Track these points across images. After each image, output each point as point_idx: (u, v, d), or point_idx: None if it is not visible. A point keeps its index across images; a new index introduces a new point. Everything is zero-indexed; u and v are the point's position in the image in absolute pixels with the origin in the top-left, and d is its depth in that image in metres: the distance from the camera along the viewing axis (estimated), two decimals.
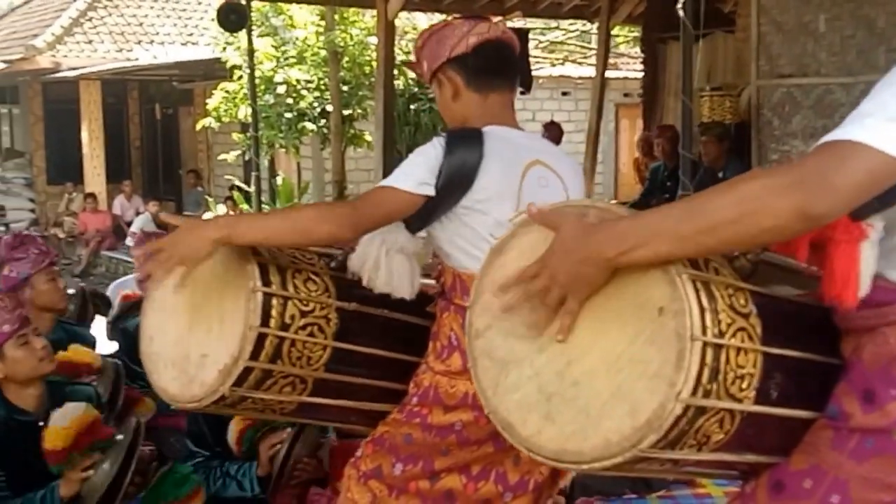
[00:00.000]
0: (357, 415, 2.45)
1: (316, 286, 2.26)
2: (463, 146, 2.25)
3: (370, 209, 2.23)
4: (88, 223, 15.02)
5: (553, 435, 1.62)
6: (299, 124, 11.93)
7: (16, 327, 3.19)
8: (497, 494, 2.33)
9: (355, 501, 2.41)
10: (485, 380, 1.77)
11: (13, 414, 3.24)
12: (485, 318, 1.79)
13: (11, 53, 16.45)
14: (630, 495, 4.17)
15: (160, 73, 16.93)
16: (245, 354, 2.12)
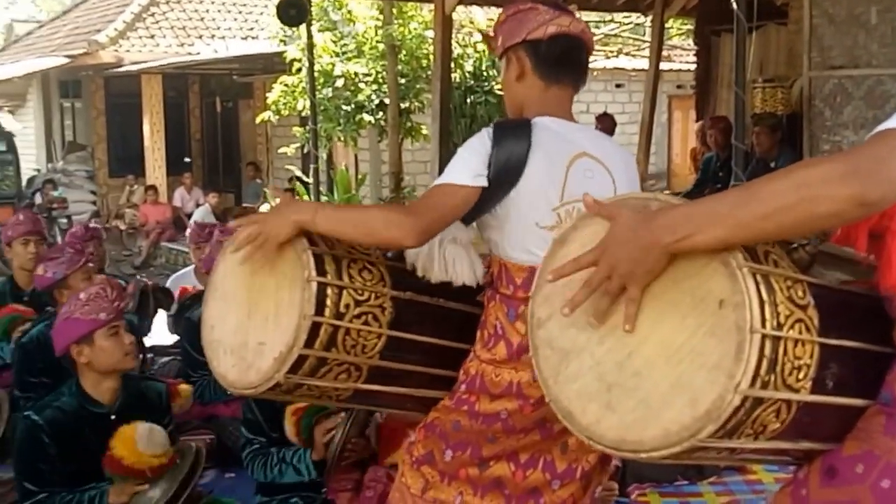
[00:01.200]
0: (411, 401, 2.47)
1: (371, 275, 2.28)
2: (510, 138, 2.26)
3: (433, 211, 2.23)
4: (149, 215, 15.25)
5: (613, 424, 1.64)
6: (357, 117, 11.99)
7: (111, 317, 3.26)
8: (545, 482, 2.35)
9: (409, 486, 2.44)
10: (546, 369, 1.80)
11: (87, 404, 3.31)
12: (546, 308, 1.81)
13: (75, 48, 16.76)
14: (682, 482, 4.18)
15: (221, 67, 17.11)
16: (299, 343, 2.15)
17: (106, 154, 17.91)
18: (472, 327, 2.43)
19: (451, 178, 2.25)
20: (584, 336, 1.71)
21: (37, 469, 3.21)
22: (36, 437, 3.19)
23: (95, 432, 3.24)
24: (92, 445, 3.20)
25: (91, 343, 3.26)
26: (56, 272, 4.44)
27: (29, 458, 3.23)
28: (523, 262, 2.29)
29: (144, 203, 15.57)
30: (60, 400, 3.30)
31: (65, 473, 3.22)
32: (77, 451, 3.23)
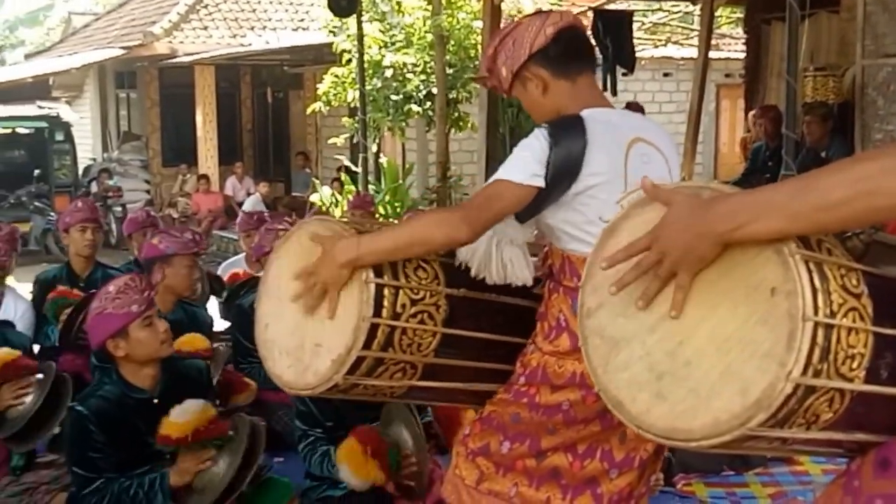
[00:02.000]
0: (464, 394, 2.47)
1: (426, 273, 2.28)
2: (567, 136, 2.24)
3: (485, 206, 2.23)
4: (201, 203, 15.42)
5: (663, 413, 1.63)
6: (405, 107, 11.99)
7: (143, 308, 3.25)
8: (603, 472, 2.34)
9: (463, 478, 2.44)
10: (595, 358, 1.78)
11: (129, 392, 3.32)
12: (596, 298, 1.79)
13: (130, 40, 16.99)
14: (728, 472, 4.13)
15: (272, 58, 17.23)
16: (358, 344, 2.16)
17: (160, 144, 18.15)
18: (525, 321, 2.42)
19: (508, 176, 2.23)
20: (633, 325, 1.70)
21: (88, 458, 3.23)
22: (84, 428, 3.21)
23: (141, 418, 3.26)
24: (139, 431, 3.23)
25: (126, 336, 3.25)
26: (169, 247, 4.49)
27: (79, 447, 3.25)
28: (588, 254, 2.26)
29: (197, 192, 15.74)
30: (104, 389, 3.31)
31: (116, 460, 3.25)
32: (125, 438, 3.25)
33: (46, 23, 32.22)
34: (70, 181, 15.69)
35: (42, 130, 15.74)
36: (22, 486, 3.97)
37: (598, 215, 2.24)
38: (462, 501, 2.44)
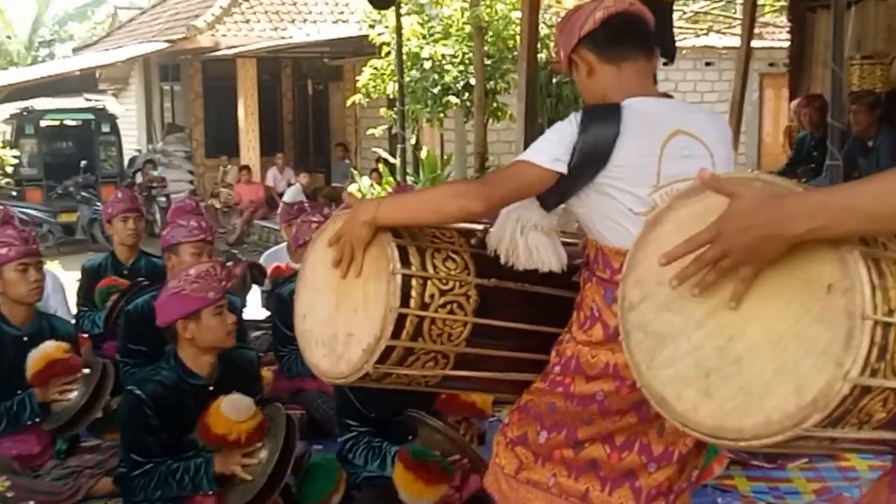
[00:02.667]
0: (500, 384, 2.44)
1: (455, 264, 2.26)
2: (598, 123, 2.20)
3: (502, 183, 2.23)
4: (243, 194, 15.52)
5: (710, 411, 1.57)
6: (444, 98, 11.96)
7: (218, 297, 3.32)
8: (641, 465, 2.30)
9: (503, 467, 2.43)
10: (638, 353, 1.72)
11: (186, 377, 3.36)
12: (639, 291, 1.74)
13: (174, 33, 17.14)
14: (762, 464, 4.05)
15: (312, 51, 17.30)
16: (387, 334, 2.15)
17: (203, 135, 18.32)
18: (560, 310, 2.38)
19: (530, 157, 2.22)
20: (680, 320, 1.64)
21: (142, 441, 3.28)
22: (140, 411, 3.26)
23: (196, 403, 3.30)
24: (194, 416, 3.26)
25: (198, 320, 3.31)
26: (174, 236, 4.52)
27: (134, 431, 3.30)
28: (621, 246, 2.21)
29: (238, 182, 15.84)
30: (161, 374, 3.36)
31: (169, 444, 3.29)
32: (179, 423, 3.29)
33: (94, 17, 32.61)
34: (116, 172, 15.89)
35: (89, 122, 15.95)
36: (66, 469, 4.01)
37: (628, 207, 2.20)
38: (502, 491, 2.43)
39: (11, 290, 4.02)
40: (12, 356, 3.99)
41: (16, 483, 3.08)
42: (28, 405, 3.95)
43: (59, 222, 14.01)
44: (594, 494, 2.31)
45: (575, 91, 12.58)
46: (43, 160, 15.25)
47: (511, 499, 2.40)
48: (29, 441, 4.03)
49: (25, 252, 4.02)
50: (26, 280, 4.01)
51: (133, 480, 3.28)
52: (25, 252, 4.02)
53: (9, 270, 4.00)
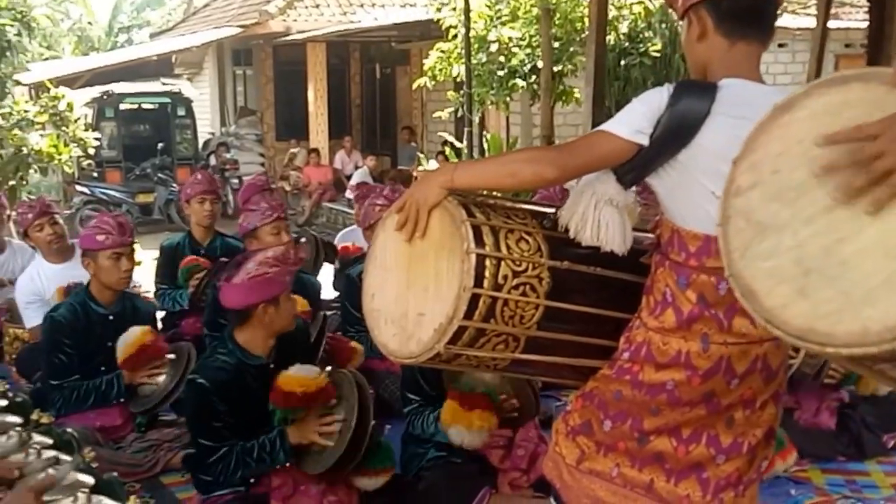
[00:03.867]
0: (568, 370, 2.39)
1: (528, 246, 2.21)
2: (690, 99, 2.10)
3: (579, 152, 2.17)
4: (312, 176, 15.62)
5: (802, 311, 1.49)
6: (510, 81, 11.86)
7: (291, 281, 3.39)
8: (709, 457, 2.23)
9: (563, 457, 2.37)
10: (735, 241, 1.64)
11: (246, 359, 3.39)
12: (751, 176, 1.65)
13: (246, 19, 17.28)
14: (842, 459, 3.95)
15: (380, 35, 17.29)
16: (459, 314, 2.11)
17: (273, 119, 18.47)
18: (632, 296, 2.31)
19: (610, 127, 2.15)
20: (788, 213, 1.55)
21: (212, 428, 3.31)
22: (206, 400, 3.30)
23: (258, 382, 3.34)
24: (257, 395, 3.30)
25: (277, 304, 3.35)
26: (249, 222, 4.60)
27: (201, 418, 3.34)
28: (698, 229, 2.13)
29: (308, 165, 15.94)
30: (220, 360, 3.38)
31: (237, 426, 3.32)
32: (244, 403, 3.33)
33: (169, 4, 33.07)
34: (191, 154, 16.13)
35: (165, 106, 16.21)
36: (147, 442, 4.11)
37: (710, 189, 2.08)
38: (563, 480, 2.38)
39: (103, 276, 4.17)
40: (98, 334, 4.15)
41: (99, 454, 3.15)
42: (116, 385, 4.07)
43: (137, 203, 14.29)
44: (659, 485, 2.26)
45: (645, 74, 12.42)
46: (122, 142, 15.54)
47: (573, 489, 2.35)
48: (112, 413, 4.16)
49: (120, 242, 4.15)
50: (118, 268, 4.16)
51: (210, 467, 3.30)
52: (120, 242, 4.15)
53: (103, 257, 4.14)
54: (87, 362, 4.14)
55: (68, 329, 4.13)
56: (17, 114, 9.79)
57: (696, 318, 2.13)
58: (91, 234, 4.20)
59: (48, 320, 4.20)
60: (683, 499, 2.24)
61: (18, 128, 9.64)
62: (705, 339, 2.13)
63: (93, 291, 4.24)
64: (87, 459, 2.82)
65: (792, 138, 1.56)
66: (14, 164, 9.39)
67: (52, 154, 9.67)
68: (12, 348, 5.31)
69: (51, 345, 4.15)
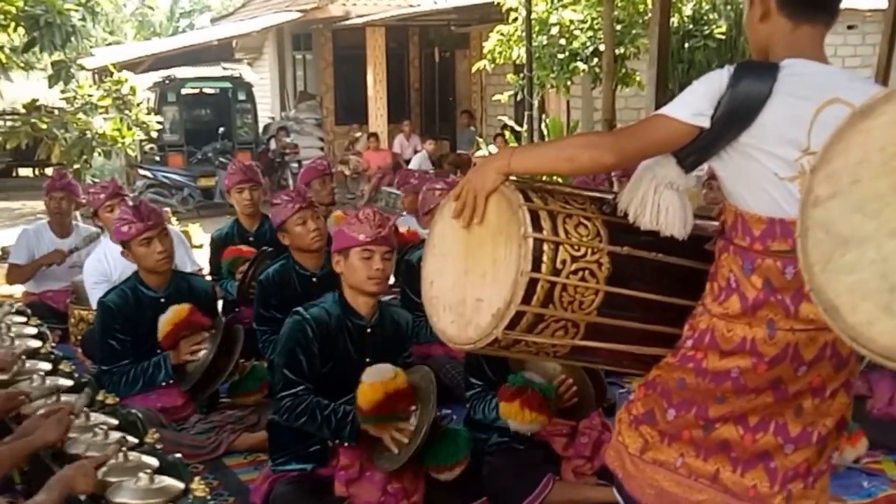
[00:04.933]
0: (629, 358, 2.36)
1: (587, 230, 2.19)
2: (751, 79, 2.07)
3: (637, 136, 2.15)
4: (371, 160, 15.66)
5: (889, 329, 1.45)
6: (571, 64, 11.74)
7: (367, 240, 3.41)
8: (777, 446, 2.19)
9: (626, 446, 2.34)
10: (814, 254, 1.60)
11: (347, 314, 3.48)
12: (829, 186, 1.60)
13: (306, 3, 17.35)
14: None
15: (439, 18, 17.26)
16: (517, 299, 2.11)
17: (333, 103, 18.56)
18: (693, 282, 2.28)
19: (670, 111, 2.13)
20: (872, 225, 1.51)
21: (298, 359, 3.38)
22: (302, 329, 3.39)
23: (353, 342, 3.43)
24: (349, 354, 3.38)
25: (347, 257, 3.43)
26: (276, 219, 4.61)
27: (292, 347, 3.40)
28: (762, 212, 2.10)
29: (367, 149, 15.99)
30: (328, 303, 3.50)
31: (321, 375, 3.38)
32: (334, 355, 3.40)
33: None
34: (251, 139, 16.28)
35: (226, 90, 16.36)
36: (209, 424, 4.16)
37: (773, 171, 2.07)
38: (626, 470, 2.35)
39: (142, 262, 4.27)
40: (150, 318, 4.20)
41: (163, 436, 3.20)
42: (163, 367, 4.13)
43: (199, 186, 14.46)
44: (725, 475, 2.22)
45: (709, 57, 12.19)
46: (184, 127, 15.73)
47: (636, 479, 2.32)
48: (172, 394, 4.22)
49: (144, 228, 4.20)
50: (153, 252, 4.22)
51: (281, 400, 3.36)
52: (144, 228, 4.20)
53: (135, 245, 4.23)
54: (140, 346, 4.21)
55: (119, 314, 4.22)
56: (81, 98, 9.95)
57: (761, 304, 2.09)
58: (117, 228, 4.32)
59: (100, 306, 4.31)
60: (750, 489, 2.21)
61: (83, 112, 9.81)
62: (771, 325, 2.10)
63: (141, 276, 4.33)
64: (151, 441, 2.86)
65: (873, 145, 1.51)
66: (79, 147, 9.56)
67: (115, 137, 9.83)
68: (78, 330, 5.43)
69: (103, 330, 4.25)
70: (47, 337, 4.18)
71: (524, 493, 3.41)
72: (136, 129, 10.23)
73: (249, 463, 4.00)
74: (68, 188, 6.18)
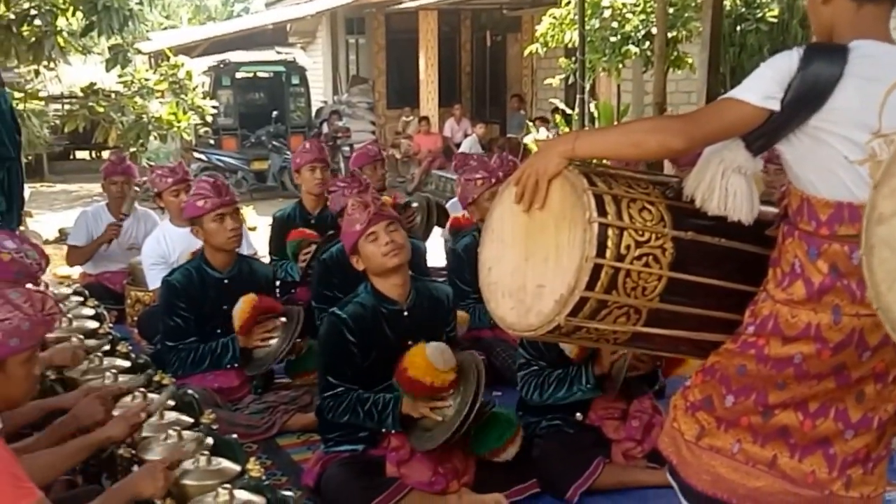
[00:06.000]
0: (687, 344, 2.33)
1: (651, 215, 2.16)
2: (821, 61, 2.03)
3: (706, 121, 2.11)
4: (422, 144, 15.66)
5: None
6: (623, 48, 11.61)
7: (363, 227, 3.42)
8: (837, 432, 2.16)
9: (682, 432, 2.32)
10: (880, 272, 1.58)
11: (381, 303, 3.47)
12: (893, 202, 1.57)
13: None
14: None
15: (491, 2, 17.15)
16: (581, 285, 2.08)
17: (385, 87, 18.56)
18: (755, 268, 2.25)
19: (738, 94, 2.09)
20: None
21: (338, 361, 3.40)
22: (339, 331, 3.39)
23: (392, 328, 3.42)
24: (389, 341, 3.37)
25: (359, 250, 3.45)
26: (336, 205, 4.63)
27: (332, 350, 3.43)
28: (830, 196, 2.06)
29: (418, 133, 15.99)
30: (360, 297, 3.49)
31: (363, 369, 3.39)
32: (375, 345, 3.40)
33: None
34: (304, 122, 16.37)
35: (280, 74, 16.46)
36: (263, 404, 4.19)
37: (843, 154, 2.03)
38: (681, 456, 2.33)
39: (212, 239, 4.25)
40: (214, 298, 4.23)
41: (219, 416, 3.22)
42: (231, 349, 4.16)
43: (252, 170, 14.59)
44: (783, 461, 2.20)
45: (761, 40, 11.96)
46: (238, 110, 15.86)
47: (692, 465, 2.30)
48: (229, 375, 4.26)
49: (220, 203, 4.22)
50: (224, 229, 4.22)
51: (324, 401, 3.40)
52: (220, 203, 4.22)
53: (208, 221, 4.22)
54: (202, 325, 4.24)
55: (183, 293, 4.25)
56: (137, 82, 10.05)
57: (827, 290, 2.06)
58: (192, 202, 4.31)
59: (164, 284, 4.33)
60: (808, 475, 2.18)
61: (139, 95, 9.90)
62: (837, 310, 2.07)
63: (207, 256, 4.33)
64: (207, 421, 2.88)
65: None
66: (135, 130, 9.66)
67: (171, 121, 9.93)
68: (134, 310, 5.50)
69: (167, 308, 4.28)
70: (104, 318, 4.22)
71: (574, 476, 3.40)
72: (192, 112, 10.31)
73: (302, 443, 4.03)
74: (128, 171, 6.22)
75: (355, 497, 3.23)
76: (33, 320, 2.26)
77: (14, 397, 2.32)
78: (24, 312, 2.24)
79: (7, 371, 2.24)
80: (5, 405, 2.34)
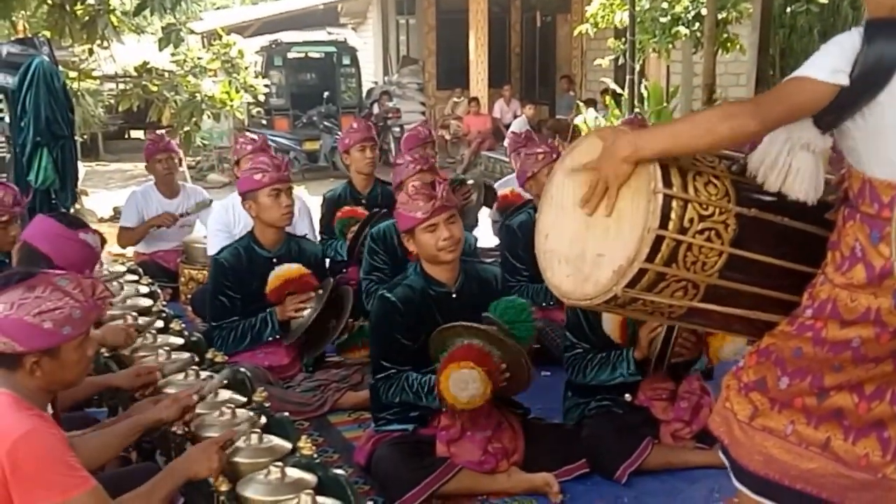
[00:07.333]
0: (741, 323, 2.28)
1: (716, 189, 2.10)
2: (884, 39, 1.97)
3: (777, 102, 2.05)
4: (471, 125, 15.59)
5: None
6: (673, 29, 11.43)
7: (426, 216, 3.40)
8: (892, 415, 2.12)
9: (735, 413, 2.27)
10: None
11: (430, 285, 3.46)
12: None
13: None
14: None
15: None
16: (641, 256, 2.03)
17: (435, 67, 18.50)
18: (815, 249, 2.19)
19: (807, 72, 2.02)
20: None
21: (387, 344, 3.41)
22: (389, 314, 3.40)
23: (440, 311, 3.40)
24: (438, 323, 3.34)
25: (413, 235, 3.44)
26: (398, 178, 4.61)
27: (383, 332, 3.43)
28: (894, 178, 2.01)
29: (467, 114, 15.93)
30: (410, 279, 3.49)
31: (413, 351, 3.39)
32: (424, 327, 3.38)
33: None
34: (355, 103, 16.39)
35: (331, 55, 16.48)
36: (314, 382, 4.20)
37: None
38: (733, 436, 2.28)
39: (265, 214, 4.21)
40: (261, 277, 4.21)
41: (271, 394, 3.22)
42: (270, 323, 4.16)
43: (304, 150, 14.65)
44: (836, 444, 2.15)
45: (811, 21, 11.68)
46: (289, 91, 15.92)
47: (745, 445, 2.26)
48: (279, 353, 4.27)
49: (278, 178, 4.19)
50: (279, 205, 4.19)
51: (377, 383, 3.42)
52: (278, 178, 4.19)
53: (262, 195, 4.18)
54: (249, 304, 4.23)
55: (231, 271, 4.23)
56: (191, 61, 10.07)
57: (888, 274, 2.00)
58: (248, 176, 4.25)
59: (213, 262, 4.33)
60: (861, 458, 2.14)
61: (192, 74, 9.93)
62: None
63: (257, 235, 4.30)
64: (259, 399, 2.88)
65: None
66: (189, 109, 9.70)
67: (224, 100, 9.95)
68: (188, 288, 5.53)
69: (215, 286, 4.28)
70: (158, 295, 4.25)
71: (623, 457, 3.38)
72: (244, 92, 10.33)
73: (353, 421, 4.03)
74: (169, 147, 6.17)
75: (406, 478, 3.22)
76: (84, 307, 2.25)
77: (69, 380, 2.31)
78: (75, 300, 2.22)
79: (61, 358, 2.23)
80: (61, 388, 2.35)
